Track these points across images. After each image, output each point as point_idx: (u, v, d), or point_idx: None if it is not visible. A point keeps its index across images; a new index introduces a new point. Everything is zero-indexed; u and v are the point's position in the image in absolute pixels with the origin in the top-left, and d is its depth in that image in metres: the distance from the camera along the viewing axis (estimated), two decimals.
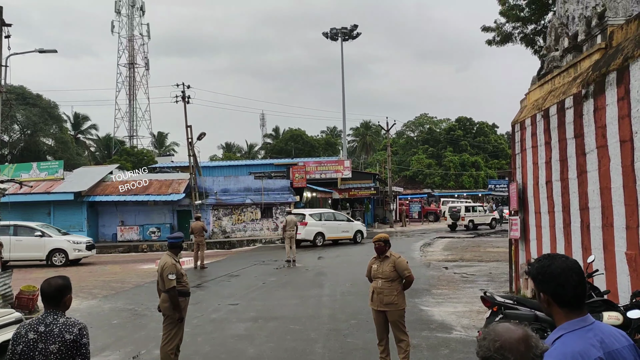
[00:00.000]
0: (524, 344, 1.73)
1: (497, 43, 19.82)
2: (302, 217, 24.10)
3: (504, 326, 1.80)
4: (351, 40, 52.94)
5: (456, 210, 34.94)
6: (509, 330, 1.77)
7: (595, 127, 7.58)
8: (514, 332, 1.76)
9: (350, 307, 10.43)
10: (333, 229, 25.26)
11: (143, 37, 67.04)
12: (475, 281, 13.43)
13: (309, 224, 24.36)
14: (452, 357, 7.02)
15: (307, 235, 24.32)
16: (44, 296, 3.32)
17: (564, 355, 1.92)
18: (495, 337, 1.76)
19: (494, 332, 1.77)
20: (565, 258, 2.11)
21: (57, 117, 48.86)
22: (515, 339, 1.74)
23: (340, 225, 25.70)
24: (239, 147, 77.99)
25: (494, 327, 1.81)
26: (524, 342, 1.74)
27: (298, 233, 21.98)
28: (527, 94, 11.38)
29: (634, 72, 6.53)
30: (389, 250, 6.47)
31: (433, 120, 75.35)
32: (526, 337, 1.75)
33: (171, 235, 6.98)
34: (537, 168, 10.08)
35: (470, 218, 34.57)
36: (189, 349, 7.54)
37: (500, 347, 1.72)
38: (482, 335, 1.82)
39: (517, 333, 1.76)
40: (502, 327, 1.80)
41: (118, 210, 28.85)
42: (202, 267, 17.96)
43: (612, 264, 7.16)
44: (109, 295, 12.98)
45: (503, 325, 1.81)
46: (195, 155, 29.82)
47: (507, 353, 1.71)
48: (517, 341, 1.74)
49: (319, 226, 24.76)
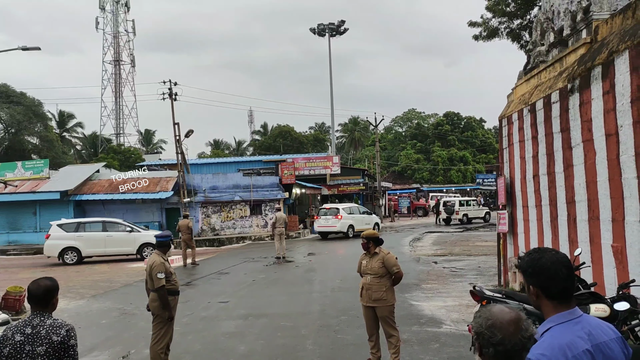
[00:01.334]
0: (513, 326, 1.87)
1: (484, 38, 19.92)
2: (336, 211, 26.39)
3: (499, 307, 1.95)
4: (338, 35, 52.92)
5: (450, 205, 35.39)
6: (503, 311, 1.92)
7: (581, 121, 7.65)
8: (507, 314, 1.90)
9: (340, 303, 10.45)
10: (359, 221, 26.77)
11: (128, 33, 66.39)
12: (465, 275, 13.52)
13: (343, 217, 26.18)
14: (442, 351, 7.06)
15: (342, 228, 26.08)
16: (32, 297, 3.28)
17: (552, 347, 1.95)
18: (489, 316, 1.91)
19: (488, 312, 1.93)
20: (555, 252, 2.15)
21: (41, 116, 48.26)
22: (506, 320, 1.88)
23: (364, 218, 27.54)
24: (227, 144, 77.74)
25: (490, 307, 1.96)
26: (514, 323, 1.87)
27: (333, 226, 25.79)
28: (514, 88, 11.45)
29: (619, 67, 6.59)
30: (377, 247, 6.50)
31: (421, 115, 75.59)
32: (517, 320, 1.89)
33: (159, 234, 6.94)
34: (525, 162, 10.16)
35: (464, 212, 35.00)
36: (179, 348, 7.51)
37: (491, 325, 1.88)
38: (478, 312, 1.98)
39: (510, 315, 1.90)
40: (497, 308, 1.95)
41: (105, 209, 28.59)
42: (193, 264, 17.92)
43: (598, 257, 7.24)
44: (97, 295, 12.88)
45: (498, 307, 1.96)
46: (183, 152, 29.64)
47: (497, 331, 1.86)
48: (508, 322, 1.87)
49: (349, 219, 26.48)
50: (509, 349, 1.84)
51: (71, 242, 19.75)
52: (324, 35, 52.65)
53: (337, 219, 25.82)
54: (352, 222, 26.30)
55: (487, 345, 1.87)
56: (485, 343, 1.87)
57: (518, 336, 1.85)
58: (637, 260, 6.28)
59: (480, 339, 1.89)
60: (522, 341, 1.85)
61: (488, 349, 1.87)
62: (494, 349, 1.85)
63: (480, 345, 1.91)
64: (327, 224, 26.17)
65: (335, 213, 26.11)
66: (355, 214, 27.05)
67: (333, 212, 26.21)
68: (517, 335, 1.85)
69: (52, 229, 20.14)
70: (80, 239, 19.79)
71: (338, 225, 25.70)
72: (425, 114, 75.84)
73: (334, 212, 26.18)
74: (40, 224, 28.25)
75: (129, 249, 20.32)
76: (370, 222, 27.41)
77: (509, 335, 1.84)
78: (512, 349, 1.84)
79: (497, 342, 1.85)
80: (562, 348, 1.94)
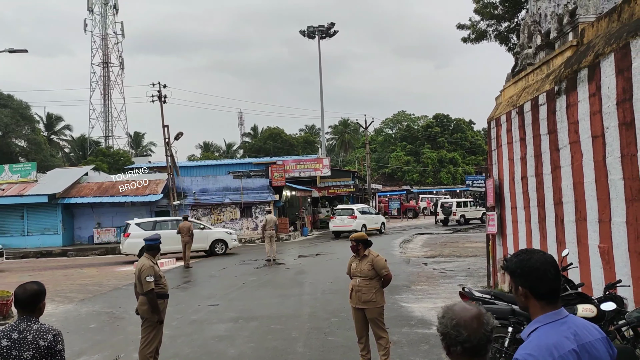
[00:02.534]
0: (476, 321, 1.93)
1: (472, 41, 20.06)
2: (351, 212, 28.20)
3: (460, 305, 2.01)
4: (328, 38, 52.95)
5: (448, 206, 36.00)
6: (465, 309, 1.98)
7: (568, 123, 7.73)
8: (469, 311, 1.97)
9: (330, 305, 10.45)
10: (370, 221, 28.85)
11: (117, 35, 65.96)
12: (454, 277, 13.58)
13: (357, 217, 27.82)
14: (432, 353, 7.09)
15: (357, 227, 26.79)
16: (19, 302, 3.25)
17: (539, 347, 1.98)
18: (452, 315, 1.96)
19: (451, 311, 1.98)
20: (543, 253, 2.19)
21: (29, 118, 47.85)
22: (469, 317, 1.94)
23: (374, 218, 29.81)
24: (217, 146, 77.46)
25: (452, 307, 2.02)
26: (476, 319, 1.94)
27: (348, 225, 26.96)
28: (502, 90, 11.54)
29: (605, 69, 6.67)
30: (366, 249, 6.51)
31: (411, 117, 75.89)
32: (479, 315, 1.95)
33: (148, 237, 6.90)
34: (513, 164, 10.24)
35: (461, 213, 35.36)
36: (168, 352, 7.47)
37: (456, 325, 1.93)
38: (441, 313, 2.02)
39: (472, 312, 1.96)
40: (458, 306, 2.01)
41: (94, 212, 28.40)
42: (186, 267, 17.97)
43: (585, 257, 7.31)
44: (85, 299, 12.77)
45: (460, 305, 2.02)
46: (173, 155, 29.53)
47: (462, 329, 1.91)
48: (471, 319, 1.93)
49: (363, 219, 28.13)
50: (475, 345, 1.91)
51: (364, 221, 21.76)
52: (314, 38, 52.68)
53: (352, 218, 27.46)
54: (365, 221, 27.80)
55: (454, 344, 1.93)
56: (452, 342, 1.94)
57: (481, 331, 1.92)
58: (624, 261, 6.35)
59: (447, 339, 1.95)
60: (485, 335, 1.92)
61: (456, 347, 1.93)
62: (461, 347, 1.92)
63: (447, 345, 1.97)
64: (343, 224, 27.58)
65: (350, 213, 27.94)
66: (367, 214, 29.03)
67: (348, 212, 28.09)
68: (480, 330, 1.92)
69: (131, 227, 20.73)
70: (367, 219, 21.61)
71: (353, 225, 26.81)
72: (415, 116, 76.19)
73: (349, 212, 28.02)
74: (28, 228, 28.00)
75: (203, 245, 21.54)
76: (378, 221, 29.89)
77: (473, 331, 1.91)
78: (478, 344, 1.91)
79: (463, 339, 1.91)
80: (549, 348, 1.97)
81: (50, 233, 27.83)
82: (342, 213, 28.37)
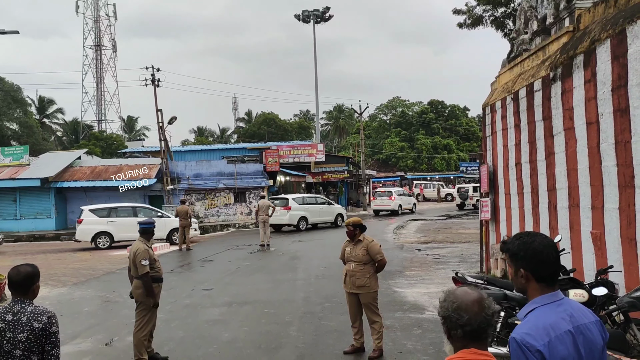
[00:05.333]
0: (477, 305, 1.95)
1: (468, 26, 19.94)
2: (389, 194, 32.61)
3: (462, 290, 2.03)
4: (323, 22, 52.50)
5: (464, 191, 36.90)
6: (466, 293, 2.00)
7: (563, 109, 7.73)
8: (470, 295, 1.99)
9: (324, 290, 10.49)
10: (404, 202, 32.84)
11: (109, 17, 65.17)
12: (447, 262, 13.67)
13: (395, 198, 32.09)
14: (424, 337, 7.15)
15: (394, 207, 31.73)
16: (12, 284, 3.23)
17: (536, 327, 2.02)
18: (453, 299, 1.99)
19: (453, 295, 2.01)
20: (544, 236, 2.21)
21: (21, 101, 47.32)
22: (470, 300, 1.96)
23: (406, 199, 33.14)
24: (211, 131, 77.10)
25: (454, 291, 2.04)
26: (478, 303, 1.96)
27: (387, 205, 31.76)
28: (498, 76, 11.51)
29: (601, 55, 6.66)
30: (361, 234, 6.53)
31: (405, 103, 75.73)
32: (480, 299, 1.97)
33: (143, 221, 6.87)
34: (507, 150, 10.25)
35: (477, 197, 35.81)
36: (162, 335, 7.49)
37: (457, 308, 1.95)
38: (443, 297, 2.04)
39: (473, 296, 1.98)
40: (460, 290, 2.03)
41: (87, 196, 28.27)
42: (187, 249, 18.66)
43: (578, 243, 7.37)
44: (79, 283, 12.76)
45: (461, 289, 2.04)
46: (167, 139, 29.36)
47: (463, 313, 1.94)
48: (472, 302, 1.95)
49: (399, 200, 32.42)
50: (476, 328, 1.93)
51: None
52: (309, 22, 52.23)
53: (390, 199, 32.19)
54: (400, 202, 32.73)
55: (455, 327, 1.95)
56: (453, 325, 1.96)
57: (482, 314, 1.93)
58: (616, 247, 6.40)
59: (448, 322, 1.97)
60: (486, 319, 1.94)
61: (456, 330, 1.95)
62: (462, 330, 1.94)
63: (448, 328, 1.99)
64: (382, 204, 32.58)
65: (389, 195, 32.78)
66: (401, 196, 33.62)
67: (387, 194, 32.93)
68: (481, 314, 1.93)
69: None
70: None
71: (391, 205, 32.09)
72: (409, 102, 76.03)
73: (388, 194, 32.87)
74: (20, 212, 27.86)
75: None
76: (410, 202, 34.70)
77: (474, 314, 1.93)
78: (478, 327, 1.93)
79: (464, 322, 1.93)
80: (546, 328, 2.01)
81: (43, 217, 27.71)
82: (382, 195, 33.39)
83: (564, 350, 1.99)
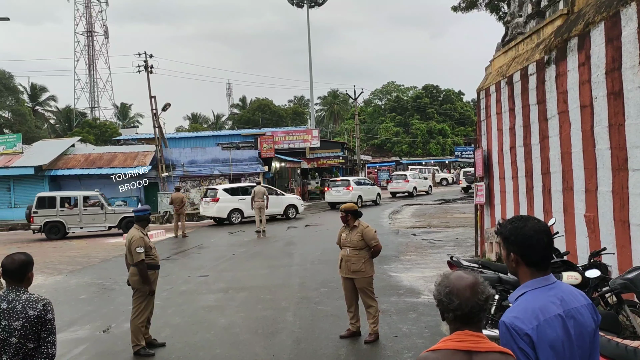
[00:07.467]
0: (470, 290, 1.94)
1: (463, 9, 19.84)
2: (405, 177, 35.19)
3: (456, 274, 2.03)
4: (317, 7, 52.13)
5: (471, 175, 36.92)
6: (460, 278, 1.99)
7: (557, 92, 7.72)
8: (464, 280, 1.98)
9: (320, 276, 10.54)
10: (419, 184, 35.17)
11: (101, 3, 64.44)
12: (442, 247, 13.74)
13: (410, 181, 34.06)
14: (420, 321, 7.21)
15: (409, 189, 34.00)
16: (6, 272, 3.23)
17: (525, 310, 2.03)
18: (447, 283, 1.99)
19: (446, 280, 2.01)
20: (538, 220, 2.22)
21: (12, 89, 46.90)
22: (463, 285, 1.96)
23: (421, 182, 35.66)
24: (205, 117, 76.79)
25: (448, 275, 2.04)
26: (470, 288, 1.95)
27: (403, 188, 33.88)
28: (492, 60, 11.48)
29: (595, 38, 6.64)
30: (356, 220, 6.55)
31: (400, 88, 75.51)
32: (474, 285, 1.96)
33: (138, 208, 6.87)
34: (502, 134, 10.26)
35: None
36: (159, 322, 7.53)
37: (449, 293, 1.96)
38: (438, 281, 2.05)
39: (466, 281, 1.97)
40: (454, 275, 2.03)
41: (82, 184, 28.15)
42: (183, 236, 18.74)
43: (571, 226, 7.41)
44: (75, 271, 12.77)
45: (456, 274, 2.03)
46: (161, 126, 29.21)
47: (454, 297, 1.94)
48: (464, 288, 1.95)
49: (414, 183, 34.40)
50: (467, 312, 1.93)
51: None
52: (302, 7, 51.82)
53: (405, 182, 34.12)
54: (415, 184, 34.48)
55: (446, 311, 1.98)
56: (445, 309, 1.98)
57: (474, 299, 1.93)
58: (609, 229, 6.44)
59: (440, 305, 2.00)
60: (478, 304, 1.94)
61: (448, 314, 1.98)
62: (453, 314, 1.96)
63: (441, 312, 2.02)
64: (399, 186, 34.32)
65: (404, 178, 34.82)
66: (416, 179, 35.38)
67: (403, 177, 35.12)
68: (473, 299, 1.93)
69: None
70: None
71: (407, 187, 34.05)
72: (404, 86, 75.84)
73: (404, 177, 35.04)
74: (14, 200, 27.75)
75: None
76: (426, 184, 36.39)
77: (465, 299, 1.93)
78: (469, 312, 1.93)
79: (454, 307, 1.94)
80: (535, 311, 2.02)
81: None
82: (398, 178, 34.82)
83: (553, 333, 2.01)
